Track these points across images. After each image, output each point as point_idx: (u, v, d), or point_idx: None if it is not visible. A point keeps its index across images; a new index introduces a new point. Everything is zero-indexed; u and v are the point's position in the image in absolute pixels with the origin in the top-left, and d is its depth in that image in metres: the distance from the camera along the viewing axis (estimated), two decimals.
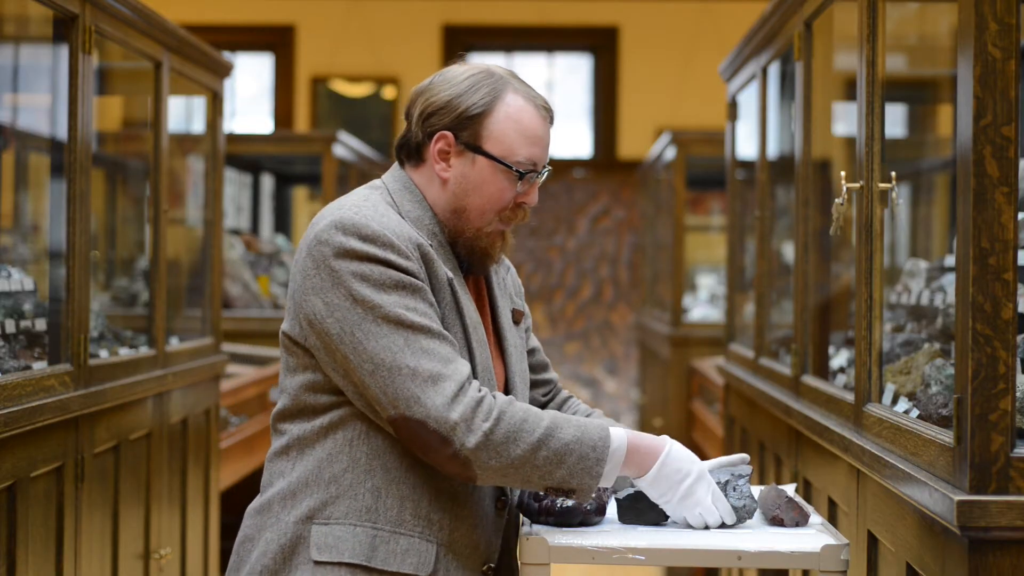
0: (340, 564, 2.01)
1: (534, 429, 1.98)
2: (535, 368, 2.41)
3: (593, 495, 2.12)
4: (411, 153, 2.17)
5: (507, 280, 2.34)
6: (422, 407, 1.94)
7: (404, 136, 2.18)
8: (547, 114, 2.17)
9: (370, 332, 1.97)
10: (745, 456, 2.22)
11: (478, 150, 2.11)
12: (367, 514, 2.03)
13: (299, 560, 2.03)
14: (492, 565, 2.11)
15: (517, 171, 2.12)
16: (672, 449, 2.09)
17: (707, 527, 2.09)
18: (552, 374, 2.47)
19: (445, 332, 2.02)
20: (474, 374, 2.08)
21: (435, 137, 2.13)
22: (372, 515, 2.03)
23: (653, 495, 2.09)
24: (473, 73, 2.14)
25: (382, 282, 1.99)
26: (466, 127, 2.11)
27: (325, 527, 2.03)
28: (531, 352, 2.40)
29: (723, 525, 2.11)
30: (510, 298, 2.32)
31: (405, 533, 2.03)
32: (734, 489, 2.13)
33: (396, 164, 2.21)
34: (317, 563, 2.02)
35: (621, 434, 2.05)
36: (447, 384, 1.95)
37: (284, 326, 2.10)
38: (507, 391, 2.20)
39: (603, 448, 2.01)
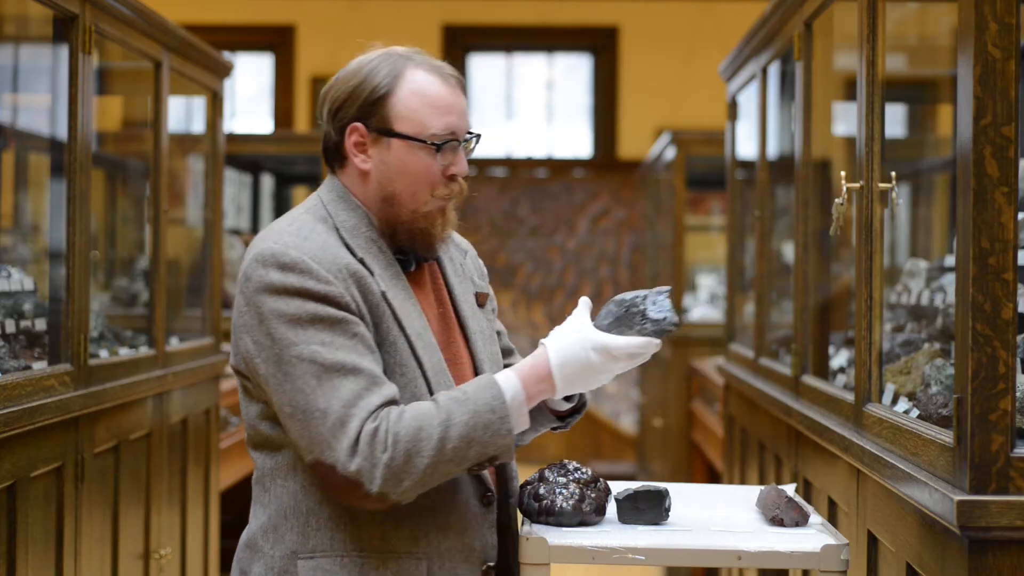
0: None
1: (431, 432, 1.92)
2: (501, 353, 2.35)
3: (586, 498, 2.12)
4: (333, 155, 2.13)
5: (466, 263, 2.29)
6: (331, 453, 1.91)
7: (324, 141, 2.15)
8: (455, 81, 2.11)
9: (287, 373, 1.94)
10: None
11: (390, 133, 2.06)
12: (351, 544, 2.00)
13: None
14: (491, 563, 2.09)
15: (433, 144, 2.06)
16: (555, 354, 2.01)
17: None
18: (516, 359, 2.40)
19: (362, 362, 1.96)
20: (426, 381, 2.04)
21: (347, 131, 2.09)
22: (356, 544, 2.00)
23: (579, 389, 2.05)
24: (372, 58, 2.11)
25: (299, 317, 1.95)
26: (373, 113, 2.07)
27: (311, 561, 2.01)
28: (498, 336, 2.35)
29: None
30: (471, 281, 2.27)
31: (392, 555, 2.01)
32: (653, 303, 2.04)
33: (330, 175, 2.17)
34: None
35: (511, 379, 1.99)
36: (351, 425, 1.91)
37: (232, 361, 2.09)
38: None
39: (500, 406, 1.96)
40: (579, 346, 2.01)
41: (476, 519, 2.08)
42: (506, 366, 2.33)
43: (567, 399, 2.20)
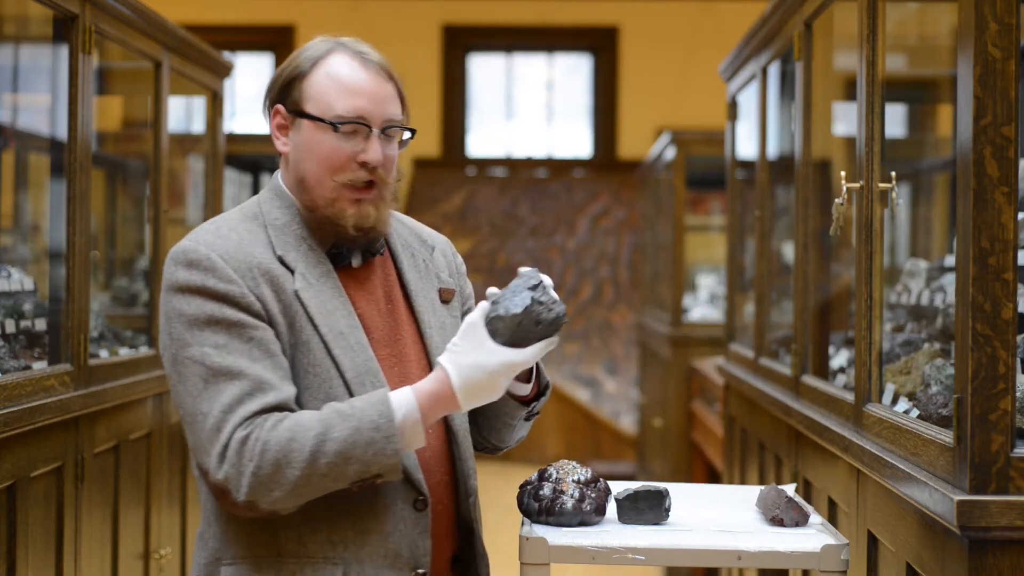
0: None
1: (304, 445, 1.87)
2: None
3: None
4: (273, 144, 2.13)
5: (433, 260, 2.23)
6: (208, 458, 1.90)
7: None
8: (378, 68, 2.06)
9: (181, 375, 1.93)
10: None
11: (301, 113, 2.04)
12: (268, 549, 1.98)
13: None
14: (422, 570, 2.02)
15: (332, 124, 2.01)
16: (457, 376, 1.92)
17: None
18: None
19: (248, 369, 1.92)
20: (344, 382, 2.00)
21: (272, 113, 2.08)
22: (274, 549, 1.98)
23: (483, 401, 1.96)
24: (309, 44, 2.10)
25: (196, 318, 1.93)
26: (290, 94, 2.05)
27: (232, 567, 1.99)
28: None
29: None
30: (436, 278, 2.21)
31: (311, 560, 1.97)
32: (540, 303, 1.95)
33: (277, 171, 2.15)
34: None
35: (406, 398, 1.93)
36: (224, 432, 1.89)
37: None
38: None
39: (387, 425, 1.89)
40: (480, 370, 1.93)
41: (404, 523, 2.02)
42: None
43: (527, 380, 2.12)
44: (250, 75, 10.91)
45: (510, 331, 1.94)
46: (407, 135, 2.11)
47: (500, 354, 1.94)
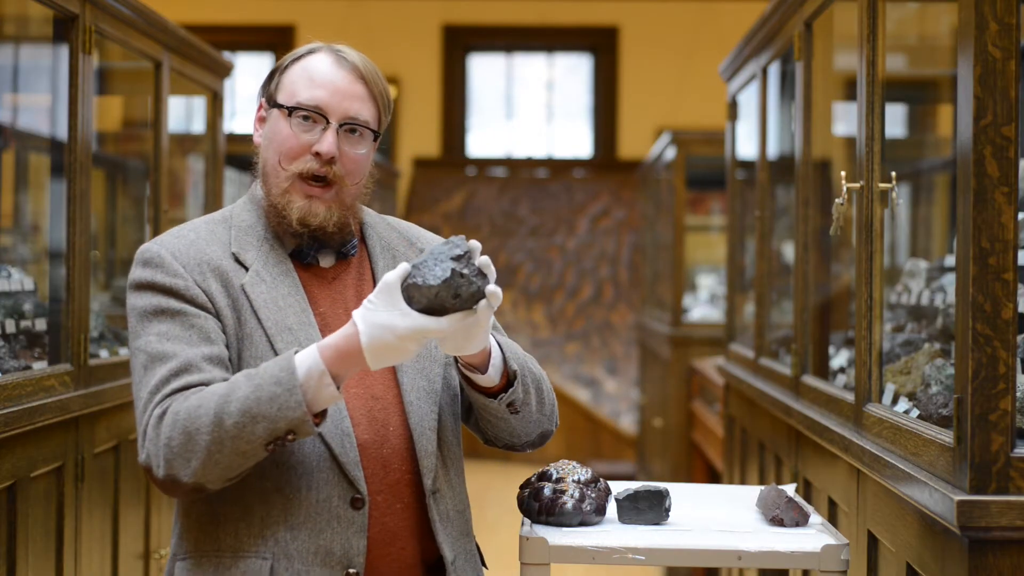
0: None
1: (207, 407, 1.87)
2: None
3: (574, 494, 2.12)
4: None
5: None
6: (139, 439, 1.96)
7: None
8: (351, 67, 2.08)
9: (132, 364, 2.01)
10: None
11: (272, 103, 2.10)
12: (210, 543, 2.01)
13: None
14: (354, 569, 2.00)
15: (288, 109, 2.05)
16: (367, 334, 1.86)
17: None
18: (502, 336, 2.26)
19: (181, 352, 1.95)
20: None
21: (258, 107, 2.15)
22: (215, 543, 2.01)
23: (396, 361, 1.91)
24: (305, 46, 2.14)
25: (146, 310, 2.00)
26: (268, 87, 2.12)
27: (184, 562, 2.04)
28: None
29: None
30: None
31: (244, 555, 1.99)
32: (462, 276, 1.83)
33: None
34: None
35: (310, 353, 1.89)
36: (147, 412, 1.93)
37: None
38: (397, 377, 2.10)
39: (288, 378, 1.86)
40: (390, 331, 1.85)
41: (337, 521, 1.99)
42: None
43: (483, 369, 2.04)
44: (250, 75, 10.91)
45: (426, 300, 1.85)
46: (373, 137, 2.11)
47: (412, 318, 1.85)
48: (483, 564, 2.22)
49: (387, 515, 2.04)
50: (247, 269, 2.05)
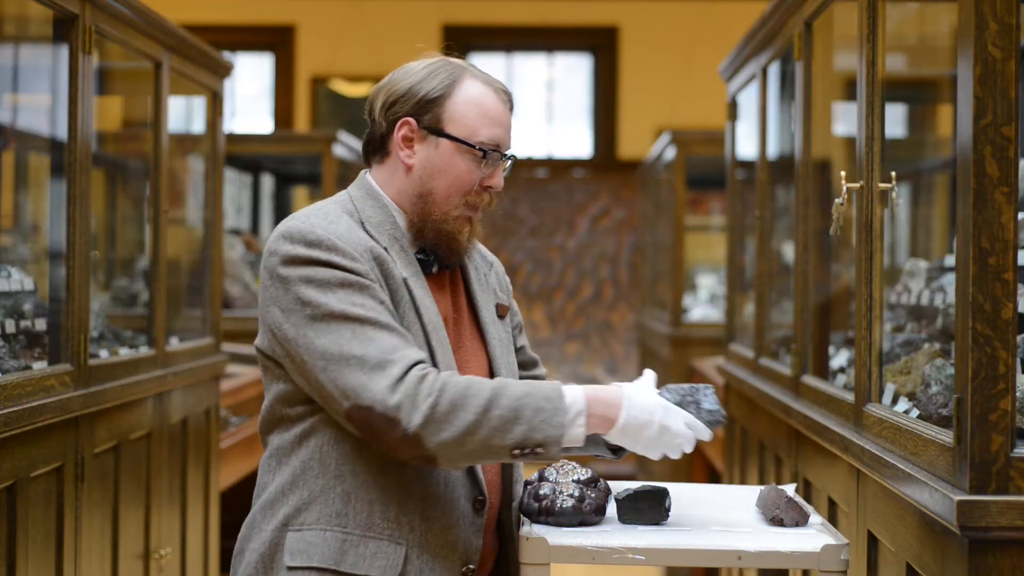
0: (310, 568, 2.04)
1: (480, 392, 1.98)
2: (524, 365, 2.42)
3: (586, 491, 2.12)
4: (376, 148, 2.21)
5: (490, 276, 2.35)
6: (369, 392, 1.96)
7: (368, 133, 2.23)
8: (507, 98, 2.21)
9: (320, 330, 2.00)
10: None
11: (440, 133, 2.15)
12: (337, 519, 2.05)
13: (277, 567, 2.06)
14: (472, 566, 2.11)
15: (481, 150, 2.14)
16: (632, 397, 2.07)
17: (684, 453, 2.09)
18: (541, 370, 2.47)
19: (394, 324, 2.03)
20: (436, 370, 2.07)
21: (398, 125, 2.17)
22: (342, 520, 2.05)
23: (626, 444, 2.08)
24: (430, 62, 2.19)
25: (328, 281, 2.02)
26: (427, 111, 2.15)
27: (298, 533, 2.06)
28: (519, 350, 2.41)
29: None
30: (494, 293, 2.33)
31: (374, 536, 2.04)
32: (705, 396, 2.12)
33: (362, 172, 2.25)
34: (290, 568, 2.05)
35: (576, 389, 2.04)
36: (393, 368, 1.97)
37: (257, 341, 2.14)
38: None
39: (557, 398, 2.00)
40: (653, 406, 2.07)
41: (464, 519, 2.11)
42: (528, 377, 2.38)
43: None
44: (250, 75, 10.91)
45: (670, 401, 2.13)
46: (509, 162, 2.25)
47: (666, 404, 2.08)
48: None
49: (491, 516, 2.19)
50: (395, 262, 2.11)
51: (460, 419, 1.95)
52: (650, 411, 2.06)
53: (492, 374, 2.22)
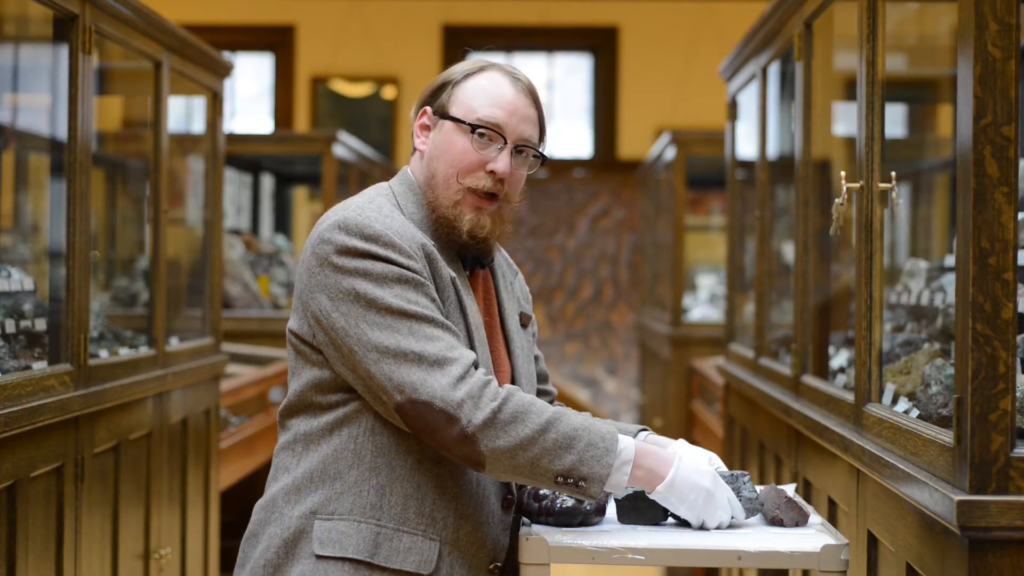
0: (343, 559, 2.03)
1: (542, 412, 2.00)
2: (536, 377, 2.41)
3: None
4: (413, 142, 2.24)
5: (515, 284, 2.37)
6: (428, 388, 1.96)
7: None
8: (524, 88, 2.17)
9: (374, 323, 1.99)
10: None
11: (444, 115, 2.15)
12: (371, 511, 2.05)
13: (301, 553, 2.05)
14: (499, 564, 2.13)
15: (470, 125, 2.12)
16: (684, 458, 2.09)
17: (719, 526, 2.10)
18: (551, 387, 2.48)
19: (448, 323, 2.04)
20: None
21: (419, 113, 2.20)
22: (376, 512, 2.05)
23: (670, 504, 2.09)
24: (472, 60, 2.22)
25: (384, 276, 2.01)
26: (440, 97, 2.17)
27: (328, 522, 2.05)
28: (534, 360, 2.41)
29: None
30: (518, 302, 2.34)
31: (408, 531, 2.05)
32: (744, 483, 2.16)
33: (405, 167, 2.25)
34: (319, 557, 2.04)
35: (629, 440, 2.06)
36: (453, 367, 1.98)
37: (291, 324, 2.12)
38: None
39: (611, 439, 2.02)
40: (701, 475, 2.08)
41: (494, 517, 2.13)
42: (538, 391, 2.38)
43: None
44: (250, 75, 10.91)
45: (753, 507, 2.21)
46: (537, 161, 2.21)
47: (714, 474, 2.09)
48: None
49: (514, 516, 2.20)
50: (439, 261, 2.11)
51: (518, 431, 1.97)
52: (701, 475, 2.08)
53: (512, 383, 2.23)
